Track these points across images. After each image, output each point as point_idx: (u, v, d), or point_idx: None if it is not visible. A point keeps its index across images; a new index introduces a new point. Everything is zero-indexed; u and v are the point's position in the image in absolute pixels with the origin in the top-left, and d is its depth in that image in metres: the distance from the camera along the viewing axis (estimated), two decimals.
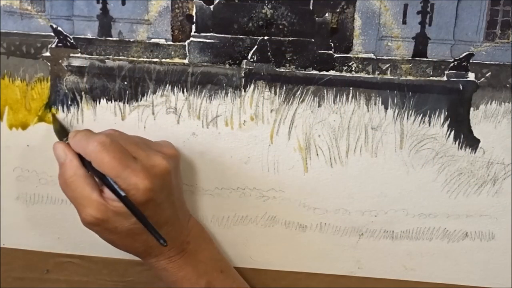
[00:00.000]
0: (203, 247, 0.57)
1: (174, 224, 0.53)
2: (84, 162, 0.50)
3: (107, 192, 0.49)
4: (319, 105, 0.56)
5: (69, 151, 0.51)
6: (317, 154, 0.58)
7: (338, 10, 0.54)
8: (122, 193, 0.48)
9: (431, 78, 0.55)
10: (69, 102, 0.58)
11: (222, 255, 0.60)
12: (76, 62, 0.57)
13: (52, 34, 0.56)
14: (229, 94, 0.57)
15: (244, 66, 0.56)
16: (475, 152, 0.56)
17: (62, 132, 0.56)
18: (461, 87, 0.55)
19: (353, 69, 0.55)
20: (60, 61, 0.57)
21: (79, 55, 0.57)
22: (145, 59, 0.56)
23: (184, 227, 0.55)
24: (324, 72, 0.56)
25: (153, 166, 0.50)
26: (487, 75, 0.55)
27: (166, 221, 0.52)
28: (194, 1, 0.55)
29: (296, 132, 0.57)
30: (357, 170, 0.58)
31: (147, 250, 0.53)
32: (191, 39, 0.56)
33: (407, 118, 0.56)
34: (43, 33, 0.56)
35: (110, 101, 0.57)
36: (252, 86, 0.56)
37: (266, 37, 0.55)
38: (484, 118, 0.56)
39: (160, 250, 0.53)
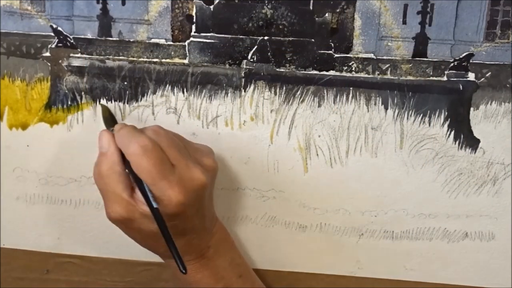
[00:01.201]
0: (223, 252, 0.56)
1: (199, 232, 0.52)
2: (124, 159, 0.49)
3: (138, 193, 0.49)
4: (319, 105, 0.56)
5: (112, 143, 0.50)
6: (317, 154, 0.58)
7: (338, 10, 0.54)
8: (155, 205, 0.47)
9: (431, 78, 0.55)
10: (69, 102, 0.58)
11: (243, 259, 0.58)
12: (76, 62, 0.57)
13: (52, 34, 0.56)
14: (229, 94, 0.57)
15: (244, 66, 0.56)
16: (475, 152, 0.56)
17: (110, 121, 0.55)
18: (461, 87, 0.55)
19: (353, 69, 0.55)
20: (60, 61, 0.57)
21: (79, 55, 0.57)
22: (145, 59, 0.56)
23: (208, 233, 0.54)
24: (324, 72, 0.56)
25: (191, 179, 0.49)
26: (487, 75, 0.55)
27: (192, 230, 0.51)
28: (194, 1, 0.55)
29: (296, 132, 0.57)
30: (357, 170, 0.58)
31: (167, 252, 0.52)
32: (191, 39, 0.56)
33: (407, 118, 0.56)
34: (43, 33, 0.56)
35: (110, 101, 0.57)
36: (252, 86, 0.56)
37: (266, 37, 0.55)
38: (484, 118, 0.56)
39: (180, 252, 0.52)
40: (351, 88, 0.56)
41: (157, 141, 0.49)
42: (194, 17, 0.55)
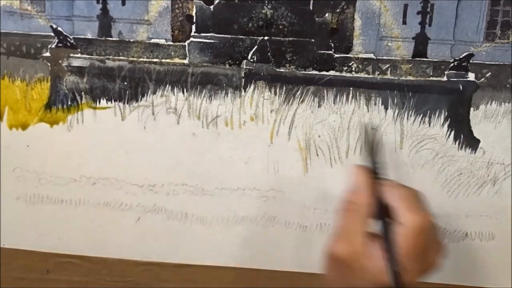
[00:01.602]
0: None
1: None
2: (378, 210, 0.47)
3: (375, 246, 0.46)
4: (319, 105, 0.56)
5: (369, 183, 0.47)
6: (317, 154, 0.58)
7: (338, 10, 0.54)
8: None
9: (431, 78, 0.55)
10: (69, 102, 0.58)
11: None
12: (76, 62, 0.57)
13: (52, 34, 0.56)
14: (229, 94, 0.57)
15: (244, 66, 0.56)
16: (475, 152, 0.56)
17: (370, 153, 0.51)
18: (461, 87, 0.55)
19: (353, 69, 0.55)
20: (60, 61, 0.57)
21: (79, 55, 0.57)
22: (145, 59, 0.56)
23: None
24: (324, 72, 0.56)
25: (425, 271, 0.47)
26: (487, 75, 0.55)
27: None
28: (194, 1, 0.55)
29: (296, 132, 0.57)
30: None
31: None
32: (191, 39, 0.56)
33: (407, 118, 0.56)
34: (43, 33, 0.56)
35: (110, 101, 0.57)
36: (252, 86, 0.56)
37: (266, 37, 0.55)
38: (484, 118, 0.56)
39: None
40: (351, 88, 0.56)
41: (432, 222, 0.46)
42: (194, 17, 0.55)
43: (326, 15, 0.54)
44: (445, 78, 0.55)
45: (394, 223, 0.45)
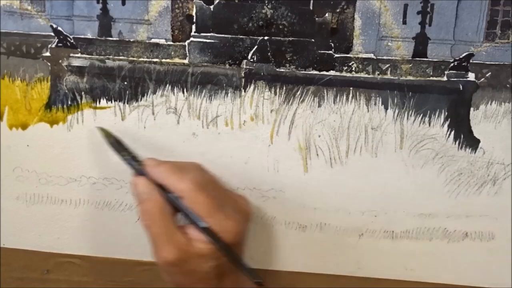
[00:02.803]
0: None
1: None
2: (167, 195, 0.49)
3: (191, 232, 0.49)
4: (319, 105, 0.56)
5: (152, 188, 0.49)
6: (317, 154, 0.58)
7: (338, 10, 0.54)
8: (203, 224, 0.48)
9: (431, 78, 0.55)
10: (69, 102, 0.58)
11: None
12: (76, 62, 0.57)
13: (52, 34, 0.56)
14: (229, 94, 0.57)
15: (244, 66, 0.56)
16: (475, 152, 0.57)
17: (117, 145, 0.54)
18: (461, 87, 0.55)
19: (353, 69, 0.55)
20: (60, 61, 0.57)
21: (79, 55, 0.57)
22: (145, 59, 0.56)
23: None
24: (324, 72, 0.56)
25: (240, 210, 0.51)
26: (487, 75, 0.55)
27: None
28: (194, 1, 0.55)
29: (296, 132, 0.57)
30: (357, 170, 0.58)
31: None
32: (191, 39, 0.56)
33: (407, 118, 0.56)
34: (43, 33, 0.56)
35: (110, 101, 0.57)
36: (252, 86, 0.56)
37: (266, 37, 0.55)
38: (484, 118, 0.56)
39: None
40: (351, 88, 0.56)
41: (204, 176, 0.50)
42: (194, 17, 0.55)
43: (326, 15, 0.54)
44: (445, 78, 0.55)
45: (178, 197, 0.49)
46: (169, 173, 0.49)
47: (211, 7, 0.55)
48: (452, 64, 0.55)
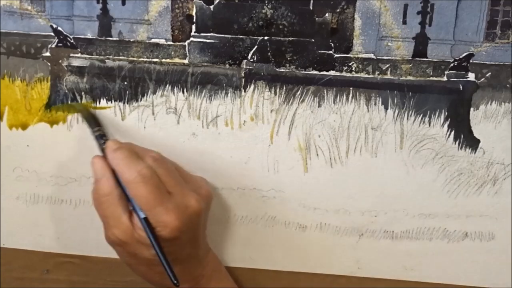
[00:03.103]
0: (216, 282, 0.57)
1: (192, 261, 0.53)
2: (118, 179, 0.50)
3: (135, 219, 0.50)
4: (319, 105, 0.56)
5: (107, 169, 0.50)
6: (317, 154, 0.58)
7: (338, 10, 0.54)
8: (142, 214, 0.49)
9: (431, 78, 0.55)
10: (69, 102, 0.58)
11: (235, 286, 0.60)
12: (76, 62, 0.57)
13: (52, 34, 0.56)
14: (229, 94, 0.57)
15: (244, 66, 0.56)
16: (475, 152, 0.56)
17: (92, 120, 0.55)
18: (461, 87, 0.55)
19: (353, 69, 0.55)
20: (60, 61, 0.57)
21: (79, 55, 0.57)
22: (145, 59, 0.56)
23: (201, 262, 0.55)
24: (324, 72, 0.56)
25: (186, 206, 0.50)
26: (487, 75, 0.55)
27: (185, 258, 0.52)
28: (194, 1, 0.55)
29: (296, 132, 0.57)
30: (357, 170, 0.58)
31: (161, 281, 0.53)
32: (191, 39, 0.56)
33: (407, 118, 0.56)
34: (43, 33, 0.56)
35: (110, 101, 0.57)
36: (252, 86, 0.56)
37: (266, 37, 0.55)
38: (484, 118, 0.56)
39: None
40: (351, 88, 0.56)
41: (155, 168, 0.50)
42: (194, 17, 0.55)
43: (326, 15, 0.54)
44: (445, 78, 0.55)
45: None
46: (121, 160, 0.50)
47: (211, 7, 0.55)
48: (452, 64, 0.55)
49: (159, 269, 0.50)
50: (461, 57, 0.54)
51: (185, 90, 0.57)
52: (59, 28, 0.56)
